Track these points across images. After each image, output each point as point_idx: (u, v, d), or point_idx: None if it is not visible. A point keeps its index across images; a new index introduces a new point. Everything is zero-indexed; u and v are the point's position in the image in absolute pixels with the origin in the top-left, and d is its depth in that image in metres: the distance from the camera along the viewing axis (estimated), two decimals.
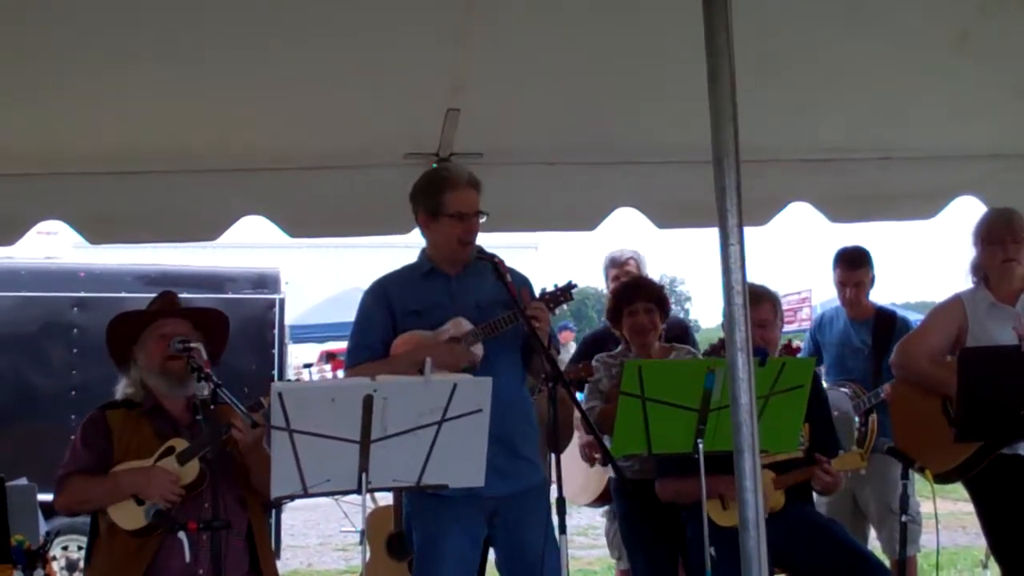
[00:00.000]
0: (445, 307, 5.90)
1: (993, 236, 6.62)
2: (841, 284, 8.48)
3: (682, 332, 8.23)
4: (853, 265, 8.39)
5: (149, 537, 5.47)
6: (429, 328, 5.85)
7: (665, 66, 5.98)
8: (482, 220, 5.94)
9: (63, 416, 10.84)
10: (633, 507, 7.11)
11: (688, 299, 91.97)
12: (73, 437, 5.78)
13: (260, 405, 5.40)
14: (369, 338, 5.98)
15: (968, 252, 6.82)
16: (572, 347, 24.27)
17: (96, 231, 7.33)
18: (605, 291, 6.05)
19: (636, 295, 7.16)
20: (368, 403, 4.80)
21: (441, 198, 5.92)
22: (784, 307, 7.46)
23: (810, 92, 6.57)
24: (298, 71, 5.99)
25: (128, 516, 5.50)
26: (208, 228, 7.35)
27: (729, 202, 4.06)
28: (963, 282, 6.83)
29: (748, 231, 4.19)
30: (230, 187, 7.28)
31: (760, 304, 6.71)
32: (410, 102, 6.47)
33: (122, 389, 5.89)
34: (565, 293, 5.92)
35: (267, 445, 5.20)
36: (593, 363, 7.26)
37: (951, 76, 6.46)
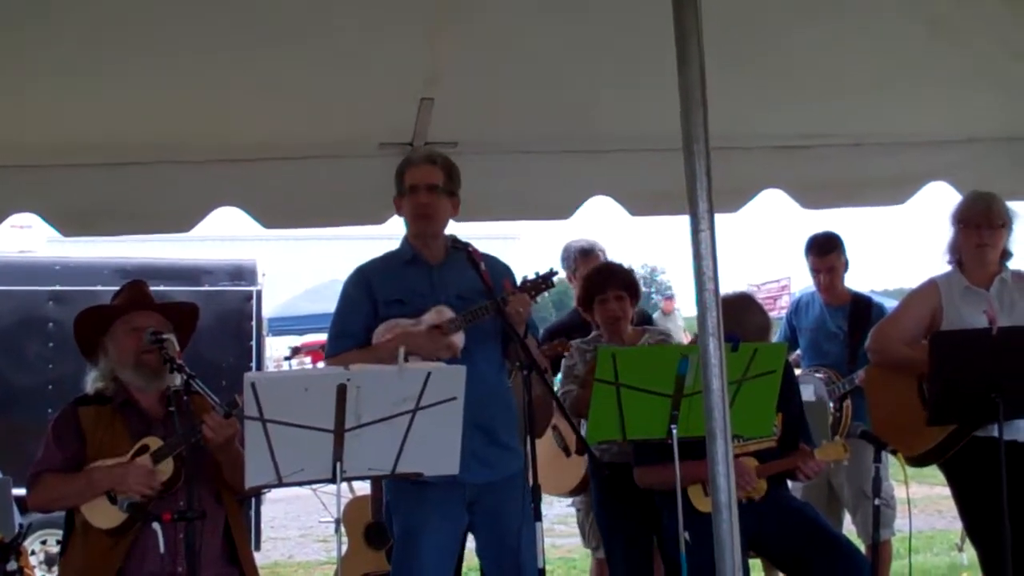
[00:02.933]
0: (427, 296, 5.90)
1: (970, 220, 6.62)
2: (815, 271, 8.54)
3: (644, 320, 8.25)
4: (823, 251, 8.45)
5: (122, 536, 5.46)
6: (411, 316, 5.85)
7: (638, 54, 5.99)
8: (451, 199, 6.03)
9: (39, 410, 10.77)
10: (609, 491, 7.12)
11: (668, 288, 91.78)
12: (46, 434, 5.74)
13: (235, 404, 5.37)
14: (350, 326, 5.98)
15: (941, 236, 6.83)
16: (677, 315, 24.14)
17: (69, 224, 7.28)
18: (563, 277, 6.06)
19: (607, 283, 7.17)
20: (342, 392, 4.79)
21: (403, 177, 6.02)
22: (763, 296, 7.50)
23: (781, 79, 6.58)
24: (272, 62, 5.99)
25: (102, 515, 5.48)
26: (182, 219, 7.32)
27: (699, 188, 4.07)
28: (937, 266, 6.84)
29: (723, 219, 4.22)
30: (203, 178, 7.26)
31: (765, 337, 6.78)
32: (384, 92, 6.47)
33: (92, 383, 5.85)
34: (546, 280, 5.96)
35: (240, 445, 5.19)
36: (574, 345, 7.29)
37: (923, 62, 6.48)
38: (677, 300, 24.70)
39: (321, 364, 9.77)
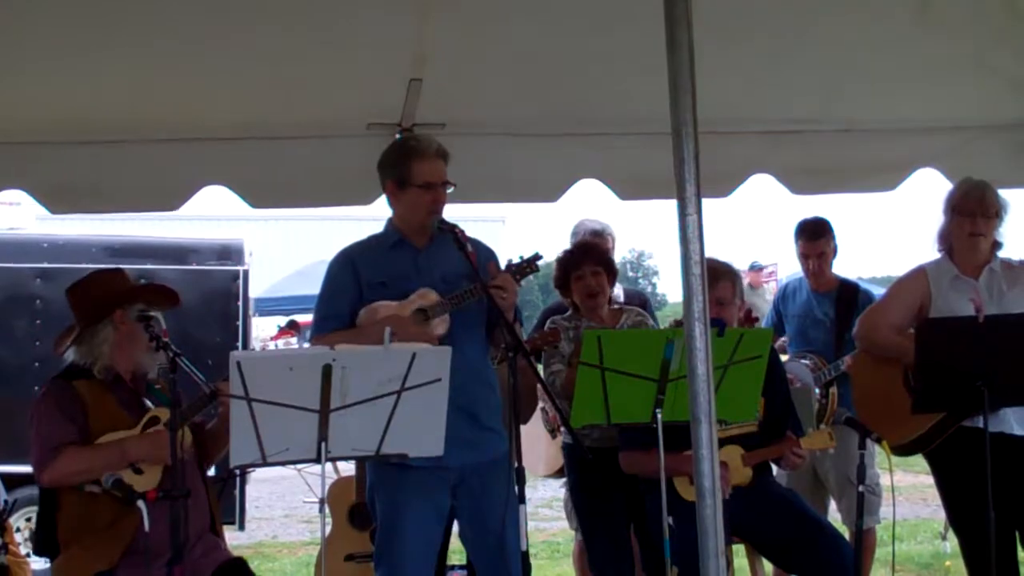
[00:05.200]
0: (411, 279, 5.89)
1: (964, 208, 6.60)
2: (804, 256, 8.51)
3: (641, 304, 8.24)
4: (814, 236, 8.43)
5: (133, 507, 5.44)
6: (395, 299, 5.84)
7: (628, 37, 5.97)
8: (449, 191, 5.95)
9: (26, 387, 10.76)
10: (589, 477, 7.12)
11: (655, 273, 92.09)
12: (40, 409, 5.72)
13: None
14: (336, 308, 5.97)
15: (930, 224, 6.82)
16: (766, 289, 23.74)
17: (58, 201, 7.27)
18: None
19: (583, 259, 7.19)
20: (327, 372, 4.81)
21: (409, 168, 5.92)
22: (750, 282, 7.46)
23: (771, 64, 6.58)
24: (261, 40, 5.98)
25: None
26: (170, 198, 7.33)
27: (687, 172, 4.07)
28: (925, 254, 6.84)
29: (713, 204, 4.23)
30: (192, 157, 7.25)
31: (719, 282, 6.72)
32: (372, 72, 6.46)
33: (85, 352, 5.83)
34: (531, 264, 5.94)
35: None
36: (548, 324, 7.28)
37: (913, 47, 6.47)
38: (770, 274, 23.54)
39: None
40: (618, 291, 8.35)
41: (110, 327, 5.81)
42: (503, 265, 5.96)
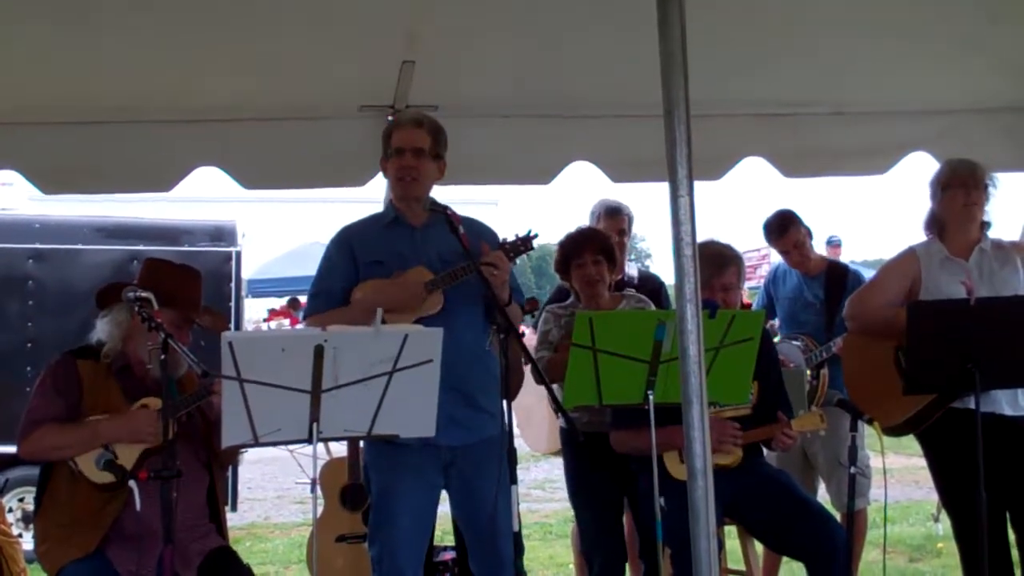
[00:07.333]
0: (407, 257, 5.89)
1: (954, 180, 6.55)
2: (783, 252, 8.50)
3: (655, 287, 8.24)
4: (782, 231, 8.40)
5: (116, 492, 5.43)
6: (390, 277, 5.85)
7: (622, 19, 5.97)
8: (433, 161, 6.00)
9: (18, 368, 10.81)
10: (582, 460, 7.13)
11: (648, 256, 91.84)
12: (40, 380, 5.70)
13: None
14: (329, 286, 5.98)
15: (921, 208, 6.82)
16: None
17: (50, 181, 7.27)
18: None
19: (583, 247, 7.16)
20: (319, 353, 4.80)
21: (389, 139, 6.01)
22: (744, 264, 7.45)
23: (764, 47, 6.58)
24: (254, 22, 5.98)
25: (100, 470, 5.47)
26: (163, 179, 7.32)
27: (679, 154, 4.08)
28: (916, 238, 6.81)
29: (706, 187, 4.23)
30: (185, 138, 7.24)
31: (726, 268, 6.75)
32: (365, 54, 6.47)
33: (106, 330, 5.80)
34: (526, 243, 5.95)
35: None
36: (544, 313, 7.28)
37: (905, 31, 6.48)
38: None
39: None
40: (633, 271, 8.35)
41: (125, 313, 5.78)
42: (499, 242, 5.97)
